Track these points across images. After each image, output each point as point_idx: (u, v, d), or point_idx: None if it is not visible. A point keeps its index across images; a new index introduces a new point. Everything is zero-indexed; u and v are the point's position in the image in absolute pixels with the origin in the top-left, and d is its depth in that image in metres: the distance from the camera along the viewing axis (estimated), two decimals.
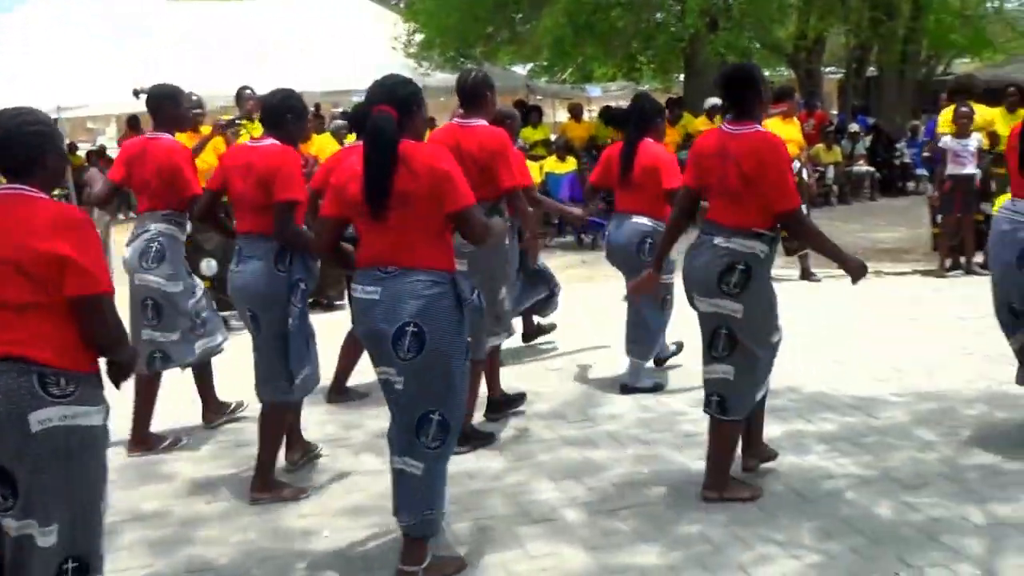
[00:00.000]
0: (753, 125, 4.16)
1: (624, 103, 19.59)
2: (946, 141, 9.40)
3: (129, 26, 16.49)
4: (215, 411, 5.71)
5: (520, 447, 5.14)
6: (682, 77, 18.98)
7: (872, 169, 16.08)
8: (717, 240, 4.13)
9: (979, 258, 9.20)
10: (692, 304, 4.32)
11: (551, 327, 7.17)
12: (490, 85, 5.12)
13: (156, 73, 9.74)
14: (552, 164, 13.56)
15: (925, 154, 11.75)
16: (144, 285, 5.18)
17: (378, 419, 5.08)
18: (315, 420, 5.50)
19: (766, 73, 24.14)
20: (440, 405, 3.59)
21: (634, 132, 6.01)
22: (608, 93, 20.98)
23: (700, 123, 14.94)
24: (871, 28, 18.07)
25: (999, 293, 4.88)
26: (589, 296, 8.71)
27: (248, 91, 9.00)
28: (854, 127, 16.64)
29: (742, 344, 4.14)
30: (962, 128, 9.36)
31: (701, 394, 5.72)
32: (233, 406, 5.76)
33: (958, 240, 9.54)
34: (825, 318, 7.60)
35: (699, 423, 5.28)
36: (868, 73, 21.48)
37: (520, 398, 5.72)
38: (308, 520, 4.36)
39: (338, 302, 8.47)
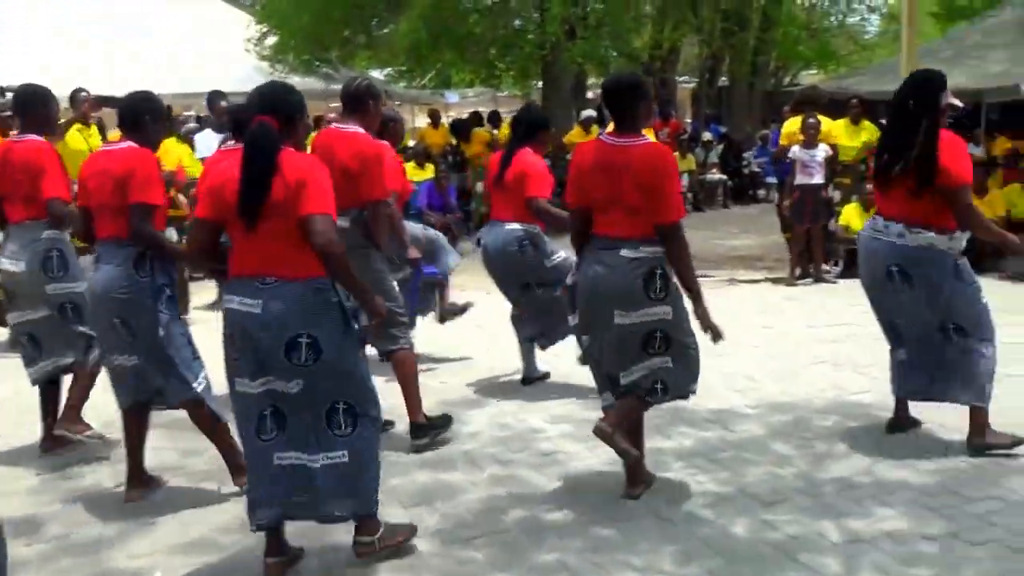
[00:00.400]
0: (642, 137, 4.15)
1: (482, 109, 19.55)
2: (795, 151, 9.62)
3: None
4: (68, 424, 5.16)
5: None
6: (541, 84, 19.01)
7: (724, 177, 16.44)
8: (625, 252, 4.11)
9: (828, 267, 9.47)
10: (598, 323, 4.20)
11: None
12: (375, 94, 5.09)
13: None
14: (410, 171, 13.29)
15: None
16: (58, 293, 5.04)
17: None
18: (152, 446, 5.11)
19: None
20: (344, 395, 3.67)
21: (515, 140, 6.09)
22: (466, 99, 20.85)
23: (575, 135, 14.90)
24: (723, 39, 18.55)
25: (878, 311, 4.97)
26: None
27: (84, 93, 8.49)
28: (707, 136, 16.98)
29: (676, 340, 4.24)
30: (810, 139, 9.59)
31: (559, 410, 5.72)
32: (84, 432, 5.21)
33: (806, 248, 9.76)
34: None
35: (556, 441, 5.18)
36: (720, 83, 22.05)
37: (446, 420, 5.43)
38: (140, 560, 4.02)
39: None
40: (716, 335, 4.21)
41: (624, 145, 4.14)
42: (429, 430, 5.15)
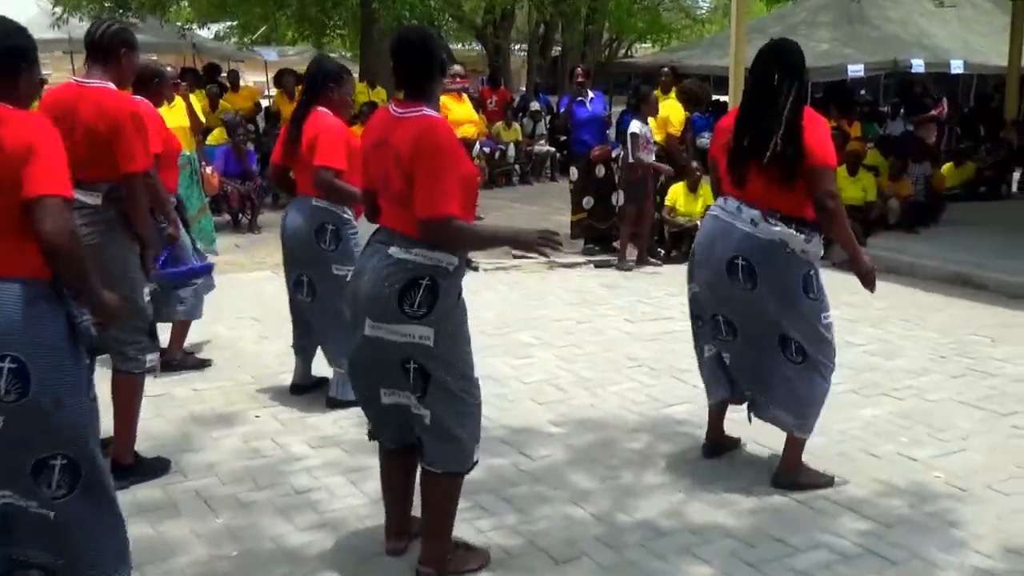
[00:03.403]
0: (421, 107, 3.22)
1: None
2: (637, 127, 8.89)
3: None
4: None
5: None
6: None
7: (553, 149, 15.74)
8: (393, 251, 3.17)
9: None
10: (356, 331, 3.27)
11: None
12: (128, 42, 4.17)
13: None
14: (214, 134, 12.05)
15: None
16: None
17: None
18: None
19: (456, 48, 23.72)
20: (61, 448, 2.80)
21: (305, 99, 5.00)
22: (285, 57, 19.42)
23: (380, 94, 13.94)
24: (553, 5, 17.85)
25: (708, 300, 4.18)
26: (231, 290, 7.43)
27: None
28: (535, 106, 16.22)
29: (436, 379, 3.19)
30: (652, 114, 8.95)
31: (331, 429, 4.80)
32: None
33: (642, 229, 9.11)
34: (486, 318, 6.79)
35: (317, 473, 4.26)
36: (555, 53, 21.39)
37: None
38: None
39: None
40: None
41: (400, 116, 3.25)
42: (130, 476, 4.13)
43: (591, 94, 9.91)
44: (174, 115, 7.13)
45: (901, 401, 5.22)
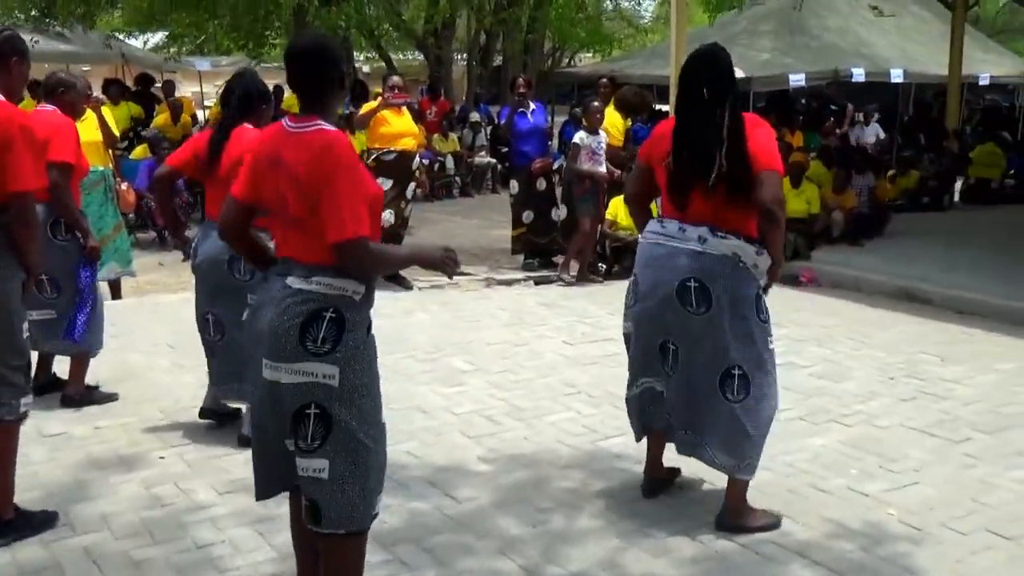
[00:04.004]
0: (316, 121, 2.91)
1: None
2: (582, 138, 8.61)
3: None
4: None
5: None
6: None
7: (494, 161, 15.44)
8: (291, 280, 2.83)
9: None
10: (256, 373, 2.92)
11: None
12: (19, 50, 3.89)
13: None
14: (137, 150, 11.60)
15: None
16: None
17: None
18: None
19: (397, 58, 23.30)
20: None
21: (229, 117, 4.66)
22: (218, 68, 18.86)
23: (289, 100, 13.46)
24: (493, 15, 17.55)
25: (653, 330, 3.86)
26: (148, 314, 7.00)
27: None
28: (475, 116, 15.90)
29: (340, 424, 2.84)
30: (596, 124, 8.66)
31: (242, 471, 4.40)
32: None
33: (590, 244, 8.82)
34: (418, 342, 6.44)
35: (222, 523, 3.89)
36: (496, 62, 21.08)
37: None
38: None
39: None
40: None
41: (293, 131, 2.91)
42: (10, 532, 3.72)
43: (532, 105, 9.63)
44: (84, 129, 6.69)
45: (850, 428, 4.97)
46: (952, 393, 5.51)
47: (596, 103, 8.80)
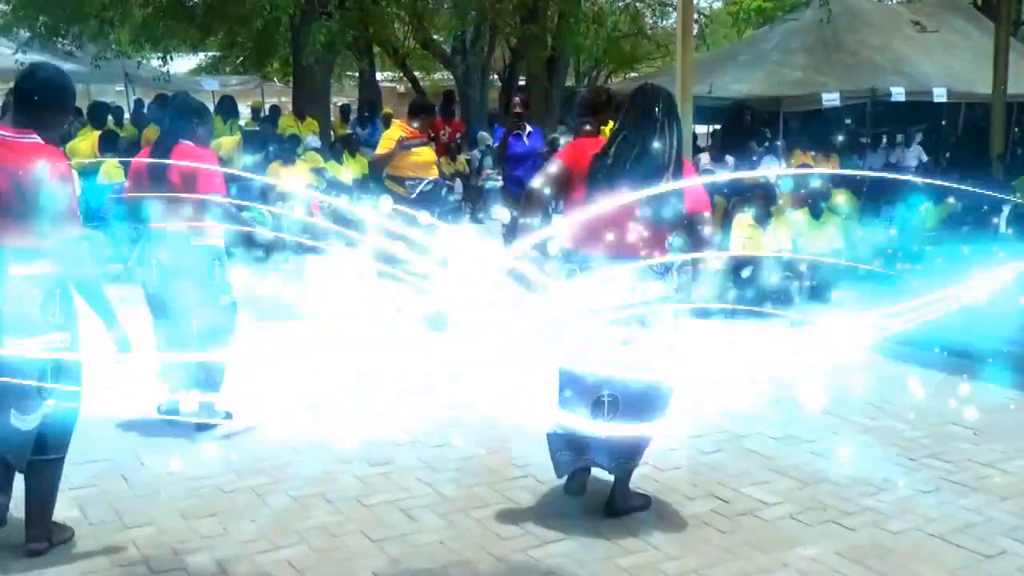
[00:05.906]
0: (32, 134, 3.36)
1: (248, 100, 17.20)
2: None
3: None
4: None
5: None
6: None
7: (501, 183, 14.55)
8: None
9: None
10: None
11: None
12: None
13: None
14: (112, 171, 10.85)
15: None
16: None
17: None
18: None
19: (431, 78, 22.67)
20: None
21: (167, 134, 5.03)
22: (228, 87, 18.17)
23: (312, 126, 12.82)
24: (518, 28, 16.81)
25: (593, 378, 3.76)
26: None
27: None
28: (486, 137, 15.02)
29: None
30: None
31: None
32: None
33: None
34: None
35: None
36: (520, 82, 20.23)
37: None
38: None
39: None
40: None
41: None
42: None
43: (528, 127, 8.77)
44: None
45: (852, 533, 3.96)
46: (985, 484, 4.48)
47: (587, 126, 7.84)
